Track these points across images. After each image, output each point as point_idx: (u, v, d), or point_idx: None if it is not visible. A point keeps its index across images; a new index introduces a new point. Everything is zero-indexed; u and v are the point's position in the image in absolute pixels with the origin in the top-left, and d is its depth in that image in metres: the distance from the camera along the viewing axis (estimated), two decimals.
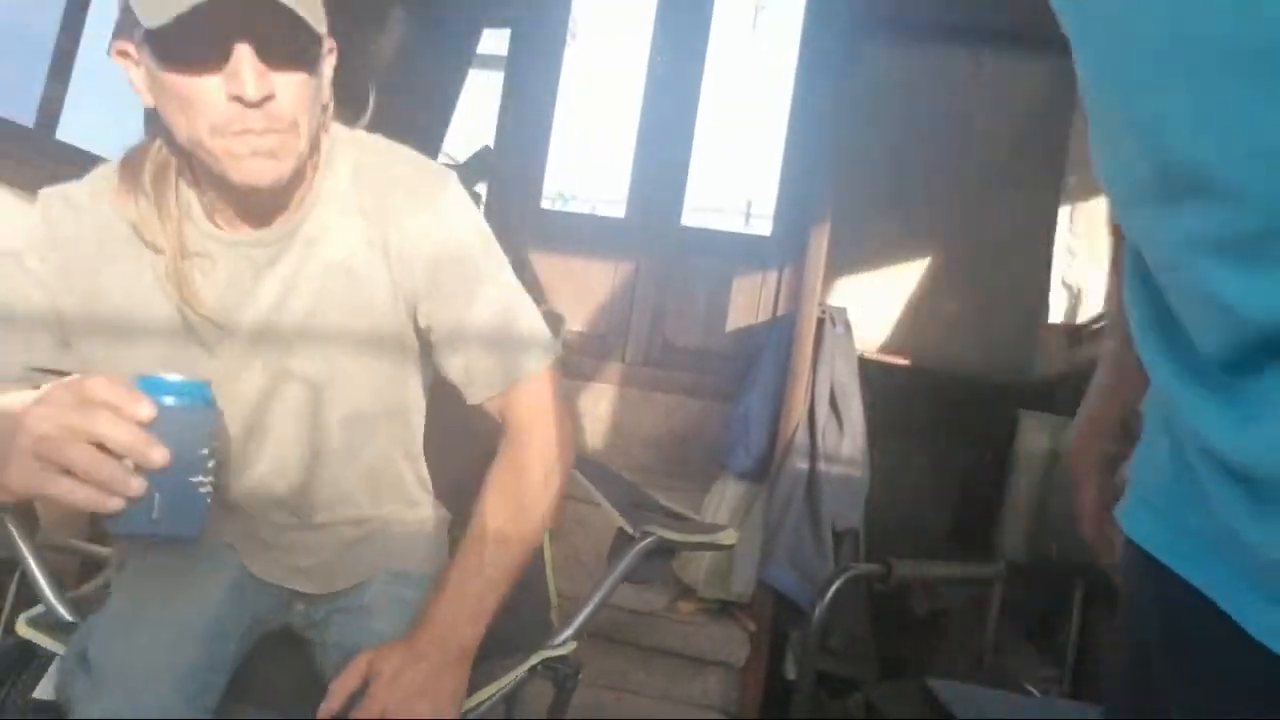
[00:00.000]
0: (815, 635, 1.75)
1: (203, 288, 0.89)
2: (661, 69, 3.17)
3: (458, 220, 0.97)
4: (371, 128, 1.22)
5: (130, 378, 0.69)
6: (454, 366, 0.97)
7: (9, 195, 1.78)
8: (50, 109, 1.96)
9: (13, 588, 1.12)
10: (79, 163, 1.96)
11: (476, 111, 3.44)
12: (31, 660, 0.99)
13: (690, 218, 3.24)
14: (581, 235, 3.25)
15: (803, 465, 2.16)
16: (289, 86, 0.80)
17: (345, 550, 1.06)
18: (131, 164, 0.88)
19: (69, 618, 0.98)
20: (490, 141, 3.23)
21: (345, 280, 0.93)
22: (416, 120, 2.73)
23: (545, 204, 3.39)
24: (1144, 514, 0.55)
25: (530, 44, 3.24)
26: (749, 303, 3.05)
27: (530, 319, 1.01)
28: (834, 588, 1.59)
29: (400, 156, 0.99)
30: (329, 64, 0.90)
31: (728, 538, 1.23)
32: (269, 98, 0.79)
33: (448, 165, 3.28)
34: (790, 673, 2.07)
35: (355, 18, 2.55)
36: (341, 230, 0.93)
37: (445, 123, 2.92)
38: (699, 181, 3.26)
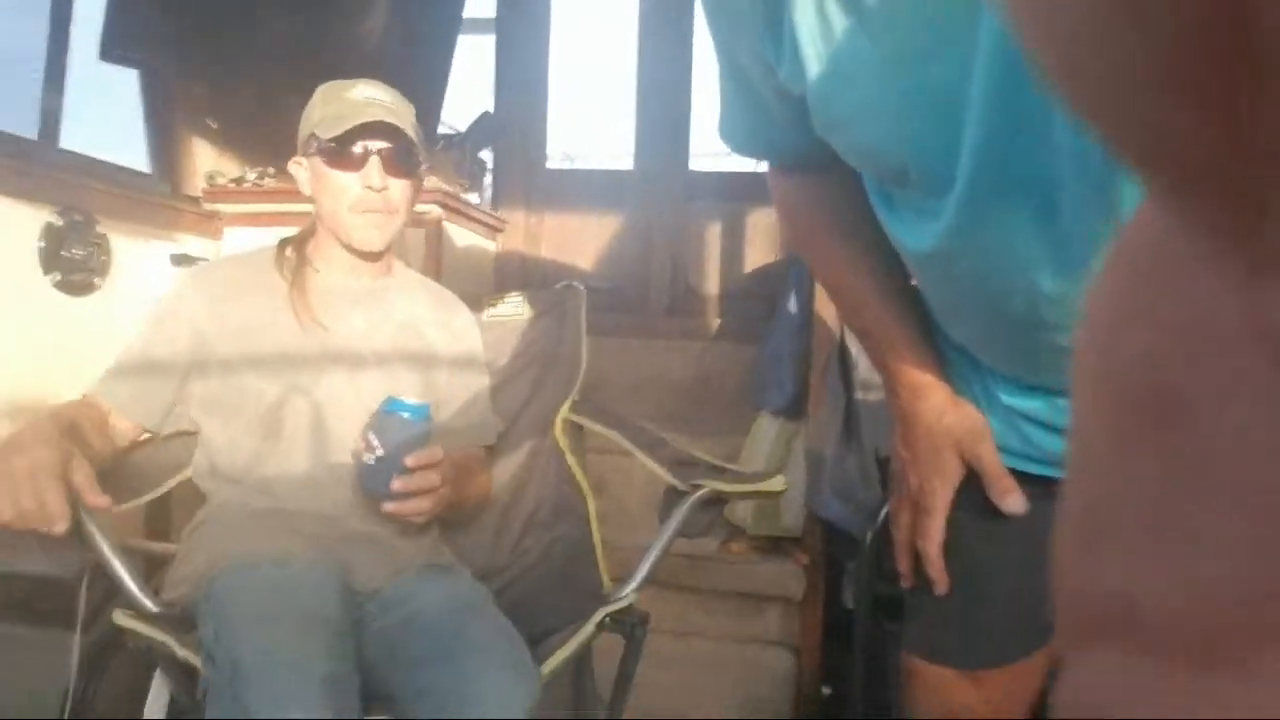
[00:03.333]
0: (869, 562, 1.75)
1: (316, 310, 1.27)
2: (652, 15, 3.11)
3: (479, 336, 1.46)
4: None
5: (385, 399, 1.15)
6: (453, 423, 1.34)
7: (17, 206, 1.78)
8: (50, 119, 1.96)
9: (83, 590, 1.15)
10: (86, 169, 1.97)
11: (473, 77, 3.40)
12: (113, 657, 1.02)
13: (700, 163, 3.19)
14: (591, 191, 3.22)
15: (839, 396, 2.15)
16: (396, 186, 1.26)
17: (407, 544, 1.23)
18: (282, 245, 1.34)
19: (154, 608, 1.04)
20: (490, 106, 3.20)
21: (412, 334, 1.33)
22: (413, 91, 2.70)
23: (551, 165, 3.36)
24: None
25: (517, 3, 3.18)
26: (766, 241, 3.02)
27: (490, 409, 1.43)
28: (883, 514, 1.58)
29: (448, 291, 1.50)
30: (421, 179, 1.35)
31: (777, 484, 1.24)
32: (385, 188, 1.24)
33: (450, 134, 3.22)
34: (849, 601, 2.08)
35: None
36: (412, 303, 1.36)
37: (441, 92, 2.88)
38: (704, 125, 3.21)
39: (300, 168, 1.31)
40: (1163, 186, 0.17)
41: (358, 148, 1.23)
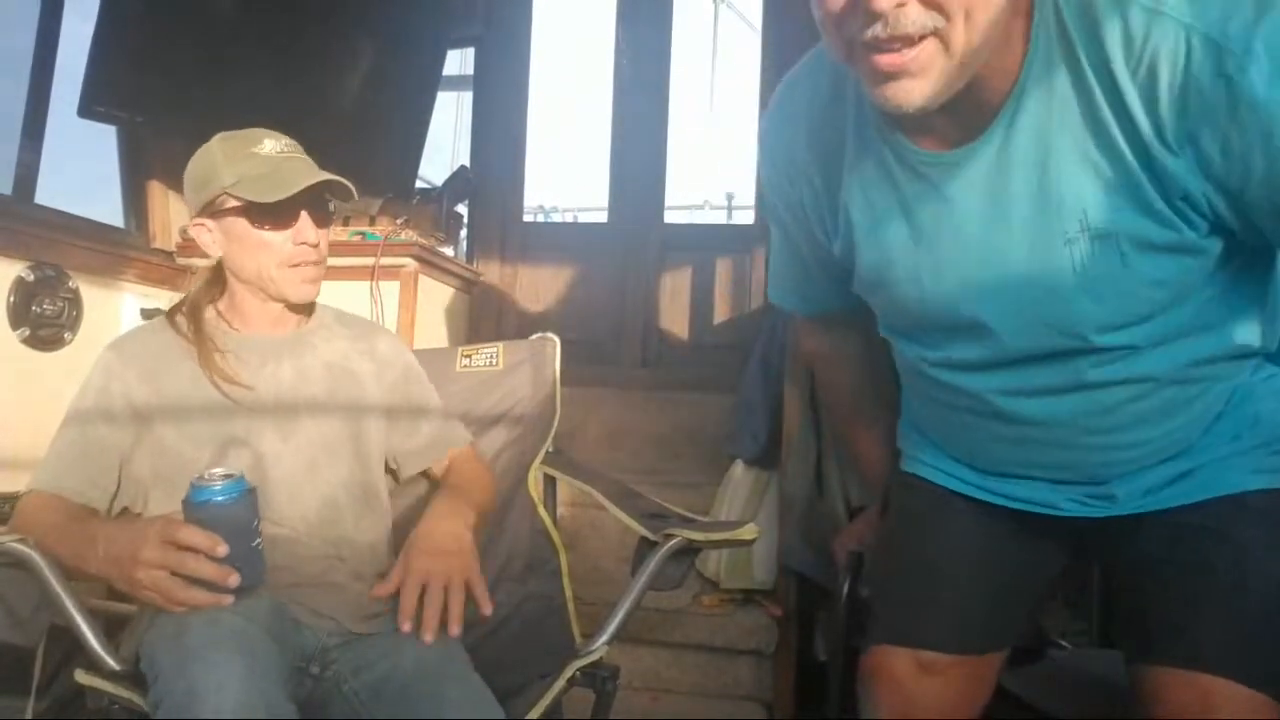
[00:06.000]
0: (842, 614, 1.75)
1: (234, 371, 1.24)
2: (627, 72, 3.18)
3: (408, 352, 1.44)
4: (346, 159, 1.31)
5: (190, 487, 1.00)
6: (412, 442, 1.36)
7: None
8: (26, 175, 1.97)
9: (40, 654, 1.13)
10: (60, 224, 1.98)
11: (451, 133, 3.45)
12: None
13: (674, 216, 3.24)
14: (566, 244, 3.26)
15: (810, 445, 2.17)
16: (324, 237, 1.27)
17: (366, 588, 1.20)
18: (173, 311, 1.29)
19: (117, 666, 1.03)
20: (466, 161, 3.24)
21: (341, 371, 1.32)
22: (391, 148, 2.74)
23: (528, 218, 3.40)
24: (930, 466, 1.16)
25: (495, 61, 3.25)
26: (739, 292, 3.06)
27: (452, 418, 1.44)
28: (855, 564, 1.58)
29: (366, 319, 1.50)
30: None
31: (748, 532, 1.24)
32: (319, 243, 1.25)
33: (427, 188, 3.26)
34: (821, 654, 2.08)
35: (323, 55, 2.55)
36: (333, 340, 1.35)
37: (419, 148, 2.92)
38: (679, 179, 3.27)
39: (204, 230, 1.25)
40: None
41: (288, 207, 1.21)
